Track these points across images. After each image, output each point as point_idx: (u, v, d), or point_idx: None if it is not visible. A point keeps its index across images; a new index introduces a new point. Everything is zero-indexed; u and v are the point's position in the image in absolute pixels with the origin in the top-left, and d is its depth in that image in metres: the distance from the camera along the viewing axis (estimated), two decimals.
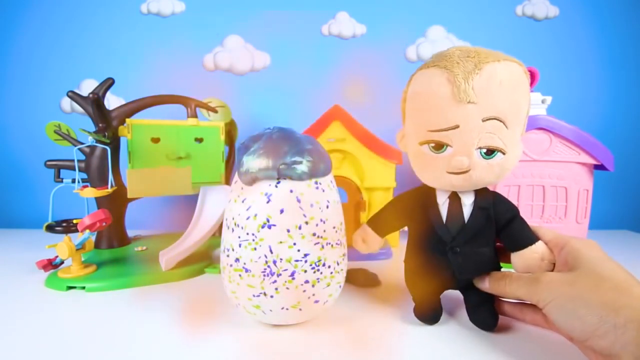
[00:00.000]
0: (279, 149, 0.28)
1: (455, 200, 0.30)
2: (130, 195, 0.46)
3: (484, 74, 0.26)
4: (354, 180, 0.54)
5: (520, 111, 0.27)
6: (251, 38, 0.75)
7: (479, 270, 0.31)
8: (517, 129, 0.28)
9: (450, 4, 0.75)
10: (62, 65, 0.73)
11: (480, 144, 0.27)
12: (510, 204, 0.31)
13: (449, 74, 0.26)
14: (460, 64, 0.26)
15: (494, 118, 0.26)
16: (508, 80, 0.26)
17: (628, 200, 0.77)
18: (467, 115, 0.26)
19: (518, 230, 0.30)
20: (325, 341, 0.30)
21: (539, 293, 0.26)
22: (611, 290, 0.23)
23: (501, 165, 0.28)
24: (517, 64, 0.27)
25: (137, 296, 0.39)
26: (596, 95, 0.75)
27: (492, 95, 0.26)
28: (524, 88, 0.27)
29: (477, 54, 0.26)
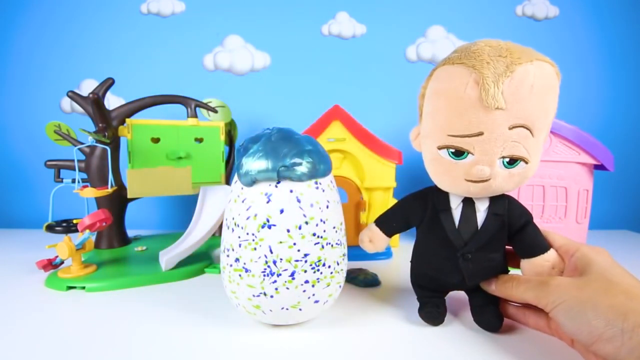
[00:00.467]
0: (278, 150, 0.28)
1: (469, 206, 0.29)
2: (130, 195, 0.46)
3: (516, 77, 0.23)
4: (354, 180, 0.54)
5: (549, 117, 0.26)
6: (251, 38, 0.75)
7: (488, 275, 0.31)
8: (542, 135, 0.26)
9: (450, 4, 0.75)
10: (62, 65, 0.73)
11: (504, 153, 0.25)
12: (524, 209, 0.30)
13: (477, 75, 0.24)
14: (491, 65, 0.24)
15: (521, 126, 0.24)
16: (540, 84, 0.24)
17: (628, 200, 0.77)
18: (494, 123, 0.24)
19: (531, 237, 0.29)
20: (325, 341, 0.30)
21: (547, 296, 0.25)
22: (620, 294, 0.22)
23: (522, 175, 0.27)
24: (549, 65, 0.25)
25: (137, 296, 0.39)
26: (596, 95, 0.75)
27: (522, 101, 0.24)
28: (555, 92, 0.26)
29: (509, 53, 0.24)
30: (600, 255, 0.26)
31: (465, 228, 0.29)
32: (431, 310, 0.32)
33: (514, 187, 0.27)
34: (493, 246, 0.30)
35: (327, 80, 0.75)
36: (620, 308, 0.22)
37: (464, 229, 0.29)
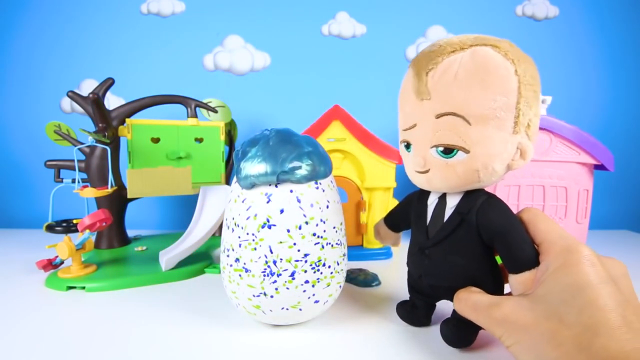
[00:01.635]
0: (277, 154, 0.28)
1: (442, 202, 0.28)
2: (130, 195, 0.46)
3: (440, 68, 0.24)
4: (354, 180, 0.54)
5: (495, 104, 0.23)
6: (251, 38, 0.75)
7: (447, 280, 0.28)
8: (496, 123, 0.23)
9: (450, 4, 0.75)
10: (62, 65, 0.73)
11: (434, 141, 0.25)
12: (505, 215, 0.26)
13: (412, 71, 0.26)
14: (420, 60, 0.25)
15: (449, 113, 0.24)
16: (468, 70, 0.23)
17: (628, 200, 0.77)
18: (422, 113, 0.25)
19: (514, 250, 0.25)
20: (325, 341, 0.30)
21: (496, 331, 0.23)
22: (569, 342, 0.19)
23: (466, 165, 0.25)
24: (491, 49, 0.23)
25: (137, 296, 0.39)
26: (596, 95, 0.75)
27: (445, 89, 0.24)
28: (498, 77, 0.23)
29: (439, 47, 0.24)
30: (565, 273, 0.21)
31: (433, 224, 0.28)
32: (405, 308, 0.32)
33: (460, 182, 0.25)
34: (454, 248, 0.27)
35: (327, 80, 0.75)
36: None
37: (433, 225, 0.28)
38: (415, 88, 0.25)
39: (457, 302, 0.27)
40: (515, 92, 0.23)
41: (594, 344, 0.19)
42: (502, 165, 0.25)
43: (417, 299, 0.32)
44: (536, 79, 0.24)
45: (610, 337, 0.18)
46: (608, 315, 0.19)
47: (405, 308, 0.33)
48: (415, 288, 0.32)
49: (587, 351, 0.19)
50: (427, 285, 0.30)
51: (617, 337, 0.18)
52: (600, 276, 0.21)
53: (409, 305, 0.32)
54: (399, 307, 0.33)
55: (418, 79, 0.25)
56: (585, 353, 0.19)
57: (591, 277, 0.21)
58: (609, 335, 0.19)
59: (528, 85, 0.24)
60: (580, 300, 0.20)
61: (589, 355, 0.19)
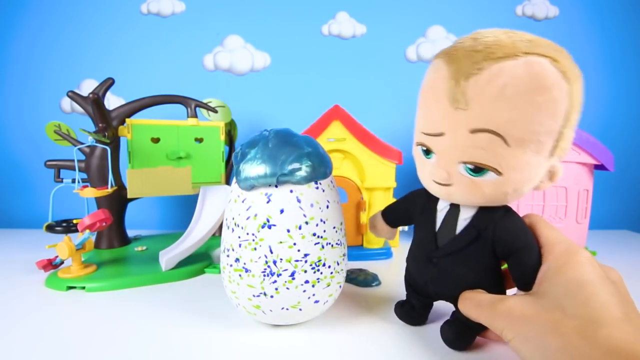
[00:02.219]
0: (276, 156, 0.28)
1: (454, 211, 0.27)
2: (130, 195, 0.46)
3: (485, 75, 0.21)
4: (354, 180, 0.54)
5: (540, 128, 0.21)
6: (251, 38, 0.75)
7: (454, 290, 0.28)
8: (535, 148, 0.22)
9: (450, 4, 0.75)
10: (62, 65, 0.73)
11: (464, 158, 0.23)
12: (518, 234, 0.25)
13: (448, 70, 0.22)
14: (461, 59, 0.21)
15: (486, 130, 0.21)
16: (518, 84, 0.20)
17: (628, 200, 0.77)
18: (454, 123, 0.22)
19: (521, 268, 0.25)
20: (326, 341, 0.30)
21: (497, 325, 0.23)
22: (572, 332, 0.20)
23: (495, 187, 0.23)
24: (549, 60, 0.20)
25: (137, 296, 0.39)
26: (596, 95, 0.75)
27: (488, 103, 0.21)
28: (551, 97, 0.20)
29: (486, 47, 0.21)
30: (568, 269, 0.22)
31: (444, 232, 0.27)
32: (404, 309, 0.32)
33: (485, 201, 0.24)
34: (465, 260, 0.27)
35: (327, 80, 0.75)
36: (570, 352, 0.19)
37: (442, 233, 0.28)
38: (449, 93, 0.22)
39: (462, 301, 0.27)
40: (563, 116, 0.21)
41: (598, 334, 0.19)
42: (530, 187, 0.24)
43: (414, 298, 0.32)
44: (582, 99, 0.22)
45: (615, 328, 0.19)
46: (611, 308, 0.20)
47: (404, 308, 0.33)
48: (414, 288, 0.32)
49: (592, 340, 0.19)
50: (433, 292, 0.30)
51: (621, 329, 0.19)
52: (600, 275, 0.21)
53: (407, 306, 0.33)
54: (397, 307, 0.33)
55: (455, 83, 0.21)
56: (590, 342, 0.19)
57: (592, 274, 0.21)
58: (613, 326, 0.19)
59: (577, 109, 0.22)
60: (583, 294, 0.20)
61: (594, 344, 0.19)
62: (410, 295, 0.33)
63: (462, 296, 0.27)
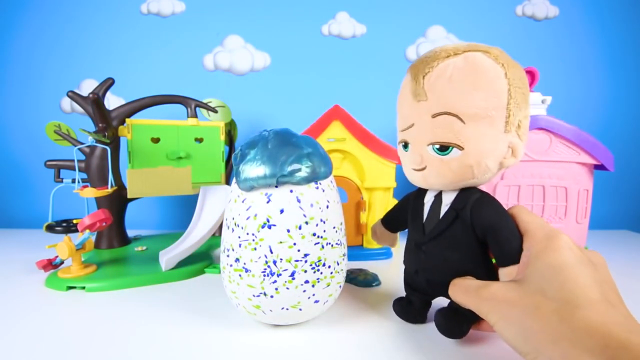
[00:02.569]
0: (276, 157, 0.28)
1: (438, 199, 0.29)
2: (130, 195, 0.46)
3: (435, 72, 0.26)
4: (354, 180, 0.54)
5: (486, 103, 0.25)
6: (251, 38, 0.75)
7: (442, 275, 0.28)
8: (488, 122, 0.25)
9: (450, 4, 0.75)
10: (62, 65, 0.73)
11: (430, 139, 0.27)
12: (496, 211, 0.27)
13: (410, 75, 0.28)
14: (416, 65, 0.27)
15: (444, 113, 0.26)
16: (461, 73, 0.25)
17: (628, 200, 0.77)
18: (419, 113, 0.27)
19: (502, 244, 0.26)
20: (325, 341, 0.30)
21: (482, 308, 0.24)
22: (551, 314, 0.20)
23: (460, 161, 0.26)
24: (482, 54, 0.25)
25: (137, 296, 0.39)
26: (596, 95, 0.75)
27: (440, 91, 0.26)
28: (488, 79, 0.25)
29: (434, 53, 0.26)
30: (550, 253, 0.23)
31: (430, 222, 0.29)
32: (401, 305, 0.33)
33: (455, 178, 0.27)
34: (449, 243, 0.28)
35: (327, 80, 0.75)
36: (549, 333, 0.20)
37: (429, 222, 0.29)
38: (412, 90, 0.27)
39: (451, 288, 0.28)
40: (505, 93, 0.25)
41: (575, 316, 0.20)
42: (494, 162, 0.26)
43: (412, 296, 0.33)
44: (525, 83, 0.26)
45: (591, 310, 0.19)
46: (588, 290, 0.20)
47: (402, 304, 0.33)
48: (411, 285, 0.32)
49: (569, 322, 0.20)
50: (424, 280, 0.30)
51: (597, 310, 0.19)
52: (579, 258, 0.22)
53: (404, 302, 0.33)
54: (396, 303, 0.34)
55: (415, 82, 0.27)
56: (567, 324, 0.20)
57: (571, 258, 0.22)
58: (589, 308, 0.20)
59: (517, 88, 0.25)
60: (562, 277, 0.21)
61: (570, 326, 0.19)
62: (409, 293, 0.33)
63: (452, 283, 0.28)
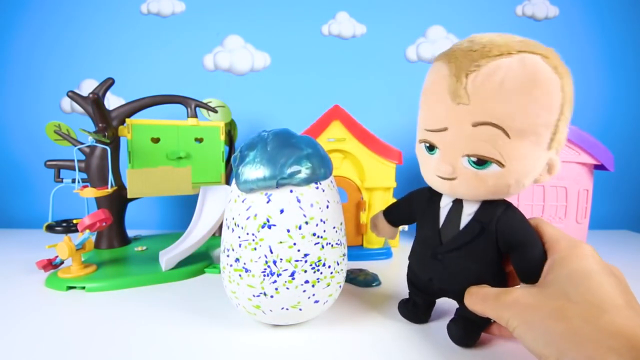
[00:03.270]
0: (276, 159, 0.28)
1: (458, 207, 0.27)
2: (130, 195, 0.46)
3: (483, 71, 0.22)
4: (354, 180, 0.54)
5: (537, 119, 0.22)
6: (251, 38, 0.75)
7: (459, 284, 0.28)
8: (534, 139, 0.23)
9: (450, 4, 0.75)
10: (62, 65, 0.73)
11: (467, 151, 0.24)
12: (523, 229, 0.26)
13: (448, 69, 0.24)
14: (459, 59, 0.23)
15: (488, 123, 0.23)
16: (515, 79, 0.22)
17: (628, 200, 0.77)
18: (457, 118, 0.24)
19: (524, 262, 0.25)
20: (325, 341, 0.30)
21: (503, 314, 0.24)
22: (576, 317, 0.20)
23: (497, 179, 0.24)
24: (541, 59, 0.22)
25: (137, 296, 0.39)
26: (596, 95, 0.75)
27: (488, 97, 0.22)
28: (546, 91, 0.22)
29: (483, 47, 0.23)
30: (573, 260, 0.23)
31: (447, 229, 0.28)
32: (407, 307, 0.33)
33: (488, 193, 0.25)
34: (470, 255, 0.27)
35: (327, 80, 0.75)
36: (572, 336, 0.20)
37: (446, 229, 0.28)
38: (451, 89, 0.23)
39: (468, 296, 0.27)
40: (558, 109, 0.23)
41: (601, 319, 0.19)
42: (531, 179, 0.25)
43: (416, 296, 0.32)
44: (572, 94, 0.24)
45: (617, 314, 0.20)
46: (613, 296, 0.21)
47: (407, 307, 0.33)
48: (416, 286, 0.32)
49: (594, 324, 0.19)
50: (438, 288, 0.30)
51: (623, 315, 0.20)
52: (603, 267, 0.22)
53: (410, 304, 0.33)
54: (401, 305, 0.33)
55: (457, 80, 0.23)
56: (592, 326, 0.19)
57: (596, 265, 0.22)
58: (615, 312, 0.20)
59: (569, 103, 0.23)
60: (588, 282, 0.21)
61: (596, 328, 0.19)
62: (414, 293, 0.33)
63: (468, 291, 0.27)
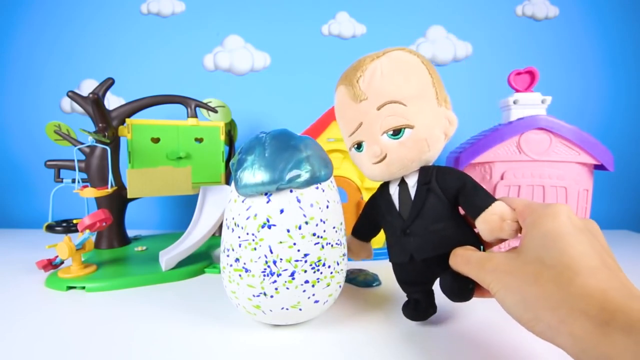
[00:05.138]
0: (274, 164, 0.28)
1: (403, 186, 0.31)
2: (130, 195, 0.46)
3: (366, 74, 0.30)
4: (354, 180, 0.54)
5: (418, 85, 0.29)
6: (251, 38, 0.75)
7: (438, 249, 0.29)
8: (424, 100, 0.29)
9: (450, 4, 0.75)
10: (62, 65, 0.73)
11: (383, 129, 0.29)
12: (457, 173, 0.30)
13: (344, 87, 0.31)
14: (348, 76, 0.31)
15: (387, 102, 0.29)
16: (389, 68, 0.29)
17: (628, 200, 0.77)
18: (364, 111, 0.30)
19: (471, 196, 0.28)
20: (325, 341, 0.30)
21: (484, 279, 0.25)
22: (550, 281, 0.21)
23: (414, 138, 0.29)
24: (400, 51, 0.30)
25: (137, 296, 0.39)
26: (596, 95, 0.75)
27: (377, 86, 0.29)
28: (411, 67, 0.30)
29: (358, 62, 0.31)
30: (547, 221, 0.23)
31: (404, 208, 0.30)
32: (409, 307, 0.32)
33: (418, 153, 0.29)
34: (431, 216, 0.29)
35: (328, 80, 0.74)
36: (547, 299, 0.20)
37: (403, 209, 0.30)
38: (351, 95, 0.30)
39: (452, 257, 0.28)
40: (427, 75, 0.30)
41: (573, 282, 0.20)
42: (440, 131, 0.30)
43: (413, 293, 0.32)
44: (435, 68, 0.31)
45: (589, 276, 0.20)
46: (587, 257, 0.21)
47: (410, 307, 0.32)
48: (406, 281, 0.32)
49: (567, 288, 0.20)
50: (420, 262, 0.30)
51: (596, 276, 0.20)
52: (577, 226, 0.22)
53: (412, 305, 0.32)
54: (404, 308, 0.33)
55: (352, 87, 0.30)
56: (565, 290, 0.20)
57: (568, 226, 0.22)
58: (588, 274, 0.20)
59: (433, 72, 0.30)
60: (560, 245, 0.21)
61: (568, 292, 0.20)
62: (408, 291, 0.33)
63: (453, 252, 0.28)
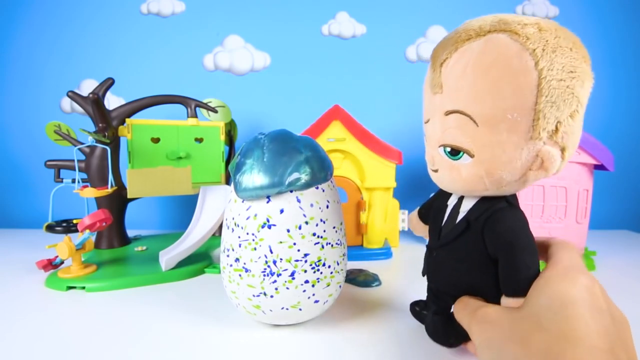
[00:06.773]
0: (274, 168, 0.28)
1: (458, 204, 0.26)
2: (130, 195, 0.46)
3: (454, 58, 0.21)
4: (354, 180, 0.54)
5: (505, 103, 0.20)
6: (251, 38, 0.75)
7: (447, 286, 0.27)
8: (507, 126, 0.20)
9: (450, 4, 0.75)
10: (62, 65, 0.73)
11: (442, 141, 0.23)
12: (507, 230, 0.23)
13: (430, 64, 0.24)
14: (437, 49, 0.23)
15: (456, 112, 0.21)
16: (480, 62, 0.20)
17: (628, 200, 0.77)
18: (434, 108, 0.23)
19: (504, 270, 0.23)
20: (325, 341, 0.30)
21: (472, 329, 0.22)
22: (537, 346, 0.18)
23: (470, 170, 0.22)
24: (509, 35, 0.20)
25: (137, 296, 0.39)
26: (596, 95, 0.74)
27: (454, 84, 0.21)
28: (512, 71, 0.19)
29: (457, 33, 0.22)
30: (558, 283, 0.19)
31: (447, 226, 0.27)
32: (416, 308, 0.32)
33: (465, 186, 0.23)
34: (455, 252, 0.26)
35: (327, 80, 0.75)
36: None
37: (446, 227, 0.27)
38: (429, 81, 0.23)
39: (456, 304, 0.26)
40: (532, 90, 0.19)
41: (564, 355, 0.17)
42: (512, 174, 0.22)
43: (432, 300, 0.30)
44: (576, 73, 0.20)
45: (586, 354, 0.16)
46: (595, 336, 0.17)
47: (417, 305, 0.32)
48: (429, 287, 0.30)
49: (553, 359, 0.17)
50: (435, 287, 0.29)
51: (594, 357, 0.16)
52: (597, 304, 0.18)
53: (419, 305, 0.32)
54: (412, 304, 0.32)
55: (432, 70, 0.23)
56: None
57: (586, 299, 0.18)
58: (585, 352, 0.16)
59: (555, 82, 0.19)
60: (568, 312, 0.18)
61: None
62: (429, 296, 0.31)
63: (459, 299, 0.26)
